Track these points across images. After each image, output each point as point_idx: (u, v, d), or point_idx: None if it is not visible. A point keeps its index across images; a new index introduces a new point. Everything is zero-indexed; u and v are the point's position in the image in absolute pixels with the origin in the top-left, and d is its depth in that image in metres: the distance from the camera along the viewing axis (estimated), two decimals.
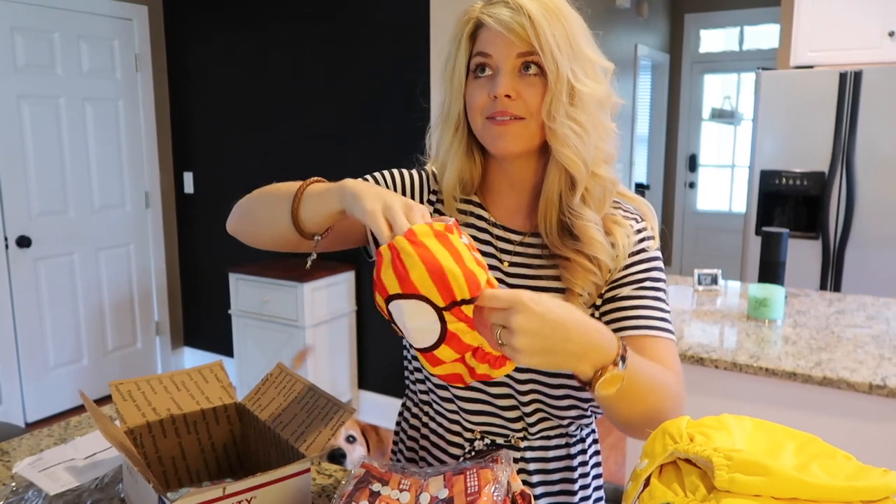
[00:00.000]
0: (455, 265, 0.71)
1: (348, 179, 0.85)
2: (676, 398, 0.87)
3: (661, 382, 0.85)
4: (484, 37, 0.92)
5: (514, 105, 0.90)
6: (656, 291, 0.96)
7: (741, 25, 6.08)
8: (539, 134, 0.92)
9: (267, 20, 3.60)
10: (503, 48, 0.89)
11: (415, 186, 1.06)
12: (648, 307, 0.94)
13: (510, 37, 0.88)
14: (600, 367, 0.75)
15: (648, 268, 0.97)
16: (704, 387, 1.84)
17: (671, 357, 0.92)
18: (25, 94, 3.37)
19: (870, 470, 0.60)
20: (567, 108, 0.89)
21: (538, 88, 0.90)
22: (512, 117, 0.90)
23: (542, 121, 0.91)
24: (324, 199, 0.85)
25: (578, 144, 0.90)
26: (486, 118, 0.92)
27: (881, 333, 1.99)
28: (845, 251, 3.21)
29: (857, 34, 3.24)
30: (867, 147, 3.12)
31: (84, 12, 3.57)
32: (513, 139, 0.92)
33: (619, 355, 0.76)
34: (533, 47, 0.88)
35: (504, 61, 0.90)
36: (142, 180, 3.96)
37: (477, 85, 0.93)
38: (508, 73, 0.90)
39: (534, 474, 1.03)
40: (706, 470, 0.63)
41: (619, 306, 0.95)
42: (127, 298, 3.95)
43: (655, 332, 0.93)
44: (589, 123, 0.91)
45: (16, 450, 1.19)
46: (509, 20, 0.88)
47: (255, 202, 0.99)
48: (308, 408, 0.96)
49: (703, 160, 6.48)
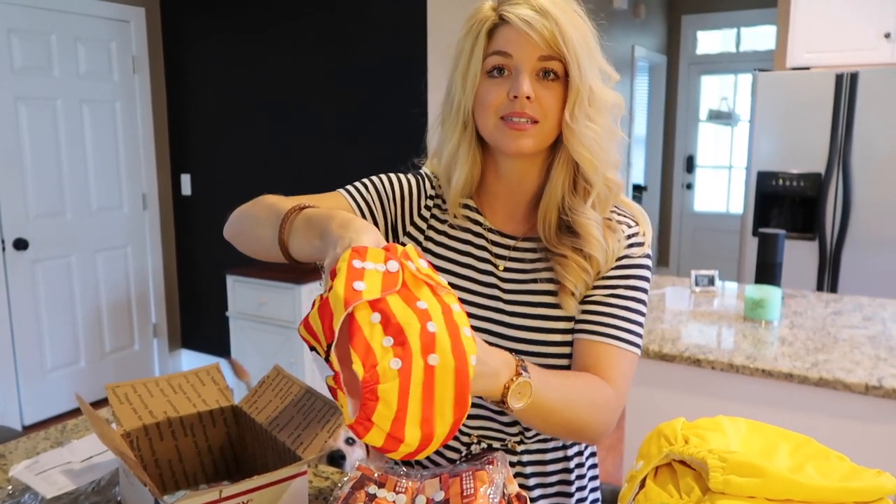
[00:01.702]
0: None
1: (335, 223, 0.75)
2: (603, 411, 0.88)
3: (578, 397, 0.86)
4: (504, 35, 0.91)
5: (532, 107, 0.90)
6: (627, 301, 0.96)
7: (738, 27, 6.09)
8: (551, 135, 0.93)
9: (264, 22, 3.60)
10: (526, 49, 0.89)
11: (412, 192, 1.06)
12: (614, 315, 0.95)
13: (535, 38, 0.88)
14: (506, 381, 0.75)
15: (626, 275, 0.97)
16: (701, 388, 1.85)
17: (618, 368, 0.93)
18: (22, 95, 3.36)
19: (863, 471, 0.61)
20: (587, 110, 0.91)
21: (555, 92, 0.90)
22: (529, 119, 0.91)
23: (556, 123, 0.92)
24: (308, 237, 0.80)
25: (595, 145, 0.92)
26: (499, 118, 0.92)
27: (877, 334, 1.99)
28: (842, 252, 3.22)
29: (854, 36, 3.25)
30: (863, 148, 3.12)
31: (81, 14, 3.56)
32: (528, 141, 0.92)
33: (518, 365, 0.77)
34: (554, 51, 0.88)
35: (525, 62, 0.89)
36: (139, 182, 3.96)
37: (492, 83, 0.92)
38: (529, 73, 0.90)
39: (531, 477, 1.03)
40: (701, 471, 0.63)
41: (588, 309, 0.96)
42: (124, 300, 3.94)
43: (613, 342, 0.93)
44: (604, 126, 0.93)
45: (12, 453, 1.19)
46: (535, 21, 0.87)
47: (247, 220, 0.96)
48: (305, 410, 0.96)
49: (700, 161, 6.49)
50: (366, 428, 0.62)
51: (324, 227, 0.76)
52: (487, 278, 1.00)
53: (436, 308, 0.65)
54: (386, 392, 0.61)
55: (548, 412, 0.82)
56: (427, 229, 1.05)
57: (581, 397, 0.87)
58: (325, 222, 0.77)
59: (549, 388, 0.81)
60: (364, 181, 1.05)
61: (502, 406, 0.76)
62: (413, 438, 0.62)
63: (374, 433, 0.62)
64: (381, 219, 1.04)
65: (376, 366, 0.61)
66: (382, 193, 1.04)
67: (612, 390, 0.90)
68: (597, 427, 0.88)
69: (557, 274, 0.96)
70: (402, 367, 0.62)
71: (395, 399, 0.61)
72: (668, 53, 6.34)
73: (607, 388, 0.90)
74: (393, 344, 0.62)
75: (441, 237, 1.04)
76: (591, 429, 0.88)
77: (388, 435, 0.62)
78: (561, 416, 0.84)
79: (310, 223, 0.81)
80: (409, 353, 0.62)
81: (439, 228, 1.05)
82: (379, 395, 0.61)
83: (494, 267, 1.01)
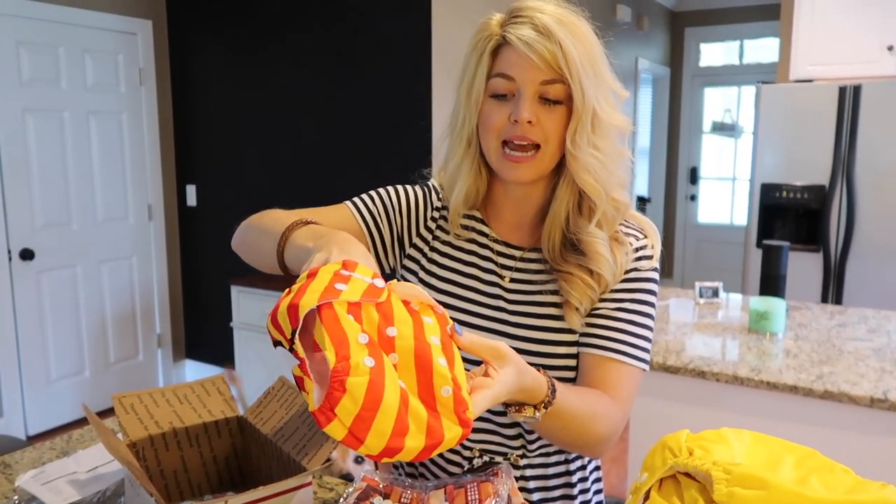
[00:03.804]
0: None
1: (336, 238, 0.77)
2: (610, 427, 0.89)
3: (591, 413, 0.87)
4: (507, 57, 0.89)
5: (534, 131, 0.89)
6: (634, 315, 0.96)
7: (741, 39, 6.11)
8: (553, 160, 0.93)
9: (270, 35, 3.63)
10: (528, 72, 0.87)
11: (419, 203, 1.06)
12: (620, 330, 0.95)
13: (537, 61, 0.86)
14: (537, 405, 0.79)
15: (634, 288, 0.97)
16: (705, 400, 1.84)
17: (624, 384, 0.93)
18: (30, 107, 3.39)
19: (868, 483, 0.61)
20: (590, 135, 0.89)
21: (557, 115, 0.89)
22: (530, 143, 0.90)
23: (558, 147, 0.91)
24: (303, 255, 0.81)
25: (599, 171, 0.91)
26: (501, 142, 0.91)
27: (882, 346, 1.99)
28: (846, 264, 3.21)
29: (857, 48, 3.26)
30: (867, 160, 3.12)
31: (89, 27, 3.60)
32: (528, 171, 0.92)
33: (544, 402, 0.79)
34: (558, 74, 0.87)
35: (527, 86, 0.88)
36: (145, 193, 3.98)
37: (495, 105, 0.91)
38: (531, 97, 0.88)
39: (534, 492, 1.02)
40: (705, 484, 0.63)
41: (594, 322, 0.96)
42: (129, 311, 3.95)
43: (618, 356, 0.93)
44: (608, 150, 0.91)
45: (18, 463, 1.20)
46: (537, 44, 0.86)
47: (251, 231, 0.98)
48: (310, 421, 0.97)
49: (703, 173, 6.49)
50: (328, 419, 0.60)
51: (324, 240, 0.77)
52: (492, 289, 1.00)
53: (407, 336, 0.65)
54: (354, 386, 0.59)
55: (560, 427, 0.84)
56: (432, 240, 1.05)
57: (591, 412, 0.87)
58: (327, 237, 0.78)
59: (568, 404, 0.83)
60: (371, 193, 1.06)
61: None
62: (375, 445, 0.61)
63: (335, 425, 0.60)
64: (386, 231, 1.04)
65: (349, 358, 0.60)
66: (388, 206, 1.04)
67: (616, 407, 0.91)
68: (601, 443, 0.90)
69: (562, 290, 0.96)
70: (375, 366, 0.61)
71: (362, 396, 0.59)
72: (671, 66, 6.36)
73: (612, 405, 0.90)
74: (367, 342, 0.62)
75: (445, 247, 1.04)
76: (596, 445, 0.90)
77: (350, 432, 0.60)
78: (572, 432, 0.86)
79: (310, 235, 0.83)
80: (380, 357, 0.62)
81: (444, 239, 1.05)
82: (347, 387, 0.59)
83: (500, 279, 1.01)
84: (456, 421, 0.64)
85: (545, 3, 0.90)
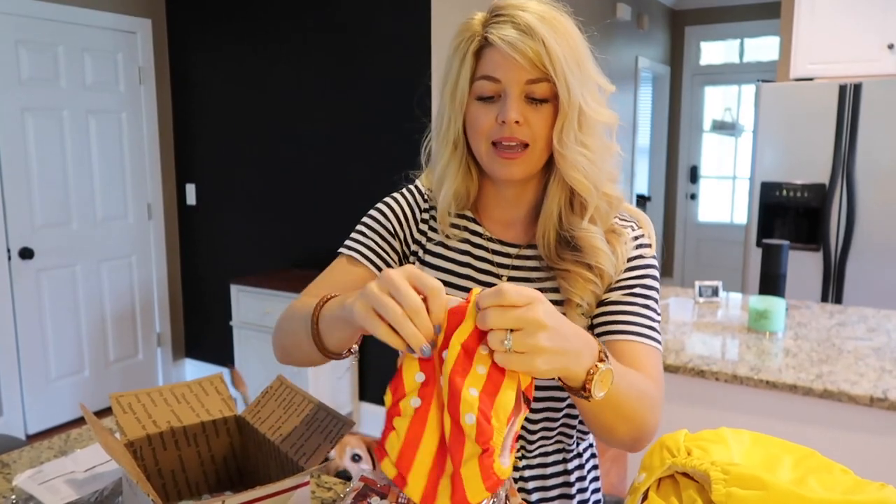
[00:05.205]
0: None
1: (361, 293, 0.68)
2: (656, 407, 0.85)
3: (642, 389, 0.82)
4: (491, 58, 0.88)
5: (521, 130, 0.89)
6: (646, 299, 0.96)
7: (741, 38, 6.11)
8: (542, 158, 0.92)
9: (270, 34, 3.62)
10: (513, 72, 0.87)
11: (406, 213, 1.05)
12: (636, 314, 0.94)
13: (521, 61, 0.85)
14: (590, 367, 0.69)
15: (641, 275, 0.97)
16: (705, 399, 1.84)
17: (653, 365, 0.91)
18: (29, 106, 3.39)
19: (867, 484, 0.61)
20: (577, 133, 0.89)
21: (545, 114, 0.89)
22: (518, 143, 0.89)
23: (547, 145, 0.90)
24: (338, 324, 0.79)
25: (588, 168, 0.90)
26: (491, 143, 0.91)
27: (882, 346, 1.99)
28: (846, 263, 3.21)
29: (857, 47, 3.26)
30: (867, 159, 3.12)
31: (88, 26, 3.59)
32: (518, 168, 0.91)
33: (602, 352, 0.71)
34: (542, 73, 0.86)
35: (513, 86, 0.87)
36: (144, 192, 3.97)
37: (482, 107, 0.90)
38: (517, 97, 0.88)
39: (532, 493, 1.02)
40: (704, 484, 0.63)
41: (608, 310, 0.95)
42: (129, 310, 3.95)
43: (640, 339, 0.92)
44: (596, 146, 0.91)
45: (16, 462, 1.20)
46: (519, 43, 0.85)
47: (281, 337, 0.97)
48: (308, 420, 0.96)
49: (704, 171, 6.49)
50: (380, 456, 0.65)
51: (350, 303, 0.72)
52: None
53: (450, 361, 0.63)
54: (399, 424, 0.64)
55: (617, 405, 0.76)
56: (426, 242, 1.04)
57: (642, 390, 0.82)
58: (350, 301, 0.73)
59: (622, 378, 0.76)
60: (359, 229, 1.05)
61: (582, 395, 0.70)
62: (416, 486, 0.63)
63: (386, 463, 0.65)
64: (392, 253, 1.04)
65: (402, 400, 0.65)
66: (382, 230, 1.04)
67: (655, 387, 0.87)
68: (651, 424, 0.83)
69: (562, 289, 0.95)
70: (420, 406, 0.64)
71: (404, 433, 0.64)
72: (671, 64, 6.36)
73: (652, 385, 0.87)
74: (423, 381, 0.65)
75: (438, 248, 1.04)
76: (648, 426, 0.83)
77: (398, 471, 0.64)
78: (628, 409, 0.79)
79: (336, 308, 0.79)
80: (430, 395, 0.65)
81: (437, 240, 1.04)
82: (394, 425, 0.65)
83: (497, 277, 1.00)
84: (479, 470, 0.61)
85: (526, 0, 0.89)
